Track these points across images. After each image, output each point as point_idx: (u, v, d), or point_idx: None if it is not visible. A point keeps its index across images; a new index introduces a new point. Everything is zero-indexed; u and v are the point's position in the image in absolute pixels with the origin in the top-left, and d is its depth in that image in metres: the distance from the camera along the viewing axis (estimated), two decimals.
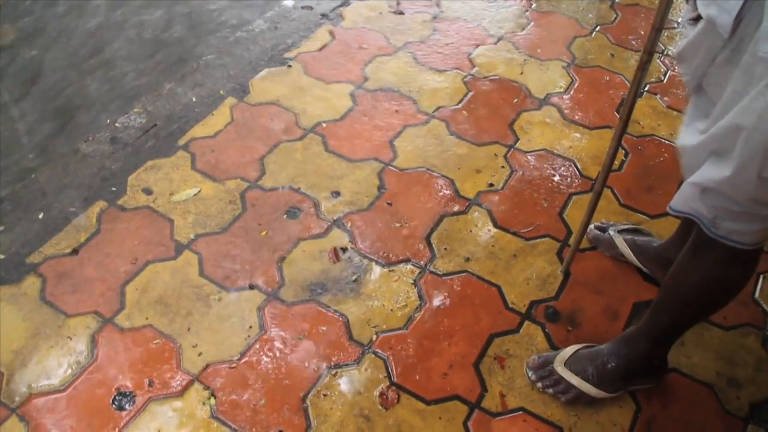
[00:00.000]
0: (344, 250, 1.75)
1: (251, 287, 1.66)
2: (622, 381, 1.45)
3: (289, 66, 2.31)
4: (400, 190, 1.90)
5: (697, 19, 1.01)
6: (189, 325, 1.58)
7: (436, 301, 1.65)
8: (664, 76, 2.34)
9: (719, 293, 1.24)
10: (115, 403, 1.44)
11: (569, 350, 1.50)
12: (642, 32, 2.52)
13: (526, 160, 2.01)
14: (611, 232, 1.74)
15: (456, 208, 1.86)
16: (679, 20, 2.57)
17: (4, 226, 1.78)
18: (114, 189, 1.88)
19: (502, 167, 1.98)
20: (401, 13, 2.56)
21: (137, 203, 1.85)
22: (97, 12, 2.58)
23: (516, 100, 2.22)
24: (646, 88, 2.29)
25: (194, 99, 2.18)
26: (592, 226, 1.77)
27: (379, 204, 1.87)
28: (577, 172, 1.98)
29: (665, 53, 2.44)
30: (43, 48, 2.42)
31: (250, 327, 1.58)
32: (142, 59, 2.39)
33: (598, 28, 2.54)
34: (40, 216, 1.81)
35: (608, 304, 1.66)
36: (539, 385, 1.49)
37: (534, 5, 2.67)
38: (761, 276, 1.73)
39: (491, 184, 1.93)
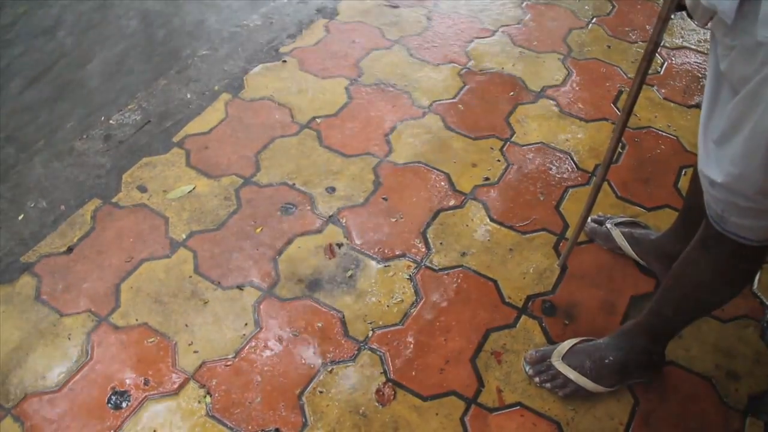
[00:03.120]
0: (340, 245, 1.74)
1: (246, 284, 1.65)
2: (619, 375, 1.45)
3: (284, 61, 2.30)
4: (396, 185, 1.89)
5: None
6: (184, 322, 1.57)
7: (432, 297, 1.64)
8: (661, 67, 2.32)
9: (724, 289, 1.23)
10: (111, 402, 1.44)
11: (566, 344, 1.50)
12: (639, 23, 2.51)
13: (522, 154, 2.00)
14: (608, 225, 1.73)
15: (452, 203, 1.85)
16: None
17: None
18: (108, 187, 1.87)
19: (498, 161, 1.97)
20: (396, 6, 2.55)
21: (132, 201, 1.84)
22: (91, 6, 2.56)
23: (512, 93, 2.21)
24: None
25: (189, 95, 2.16)
26: (588, 219, 1.76)
27: (375, 199, 1.86)
28: (574, 165, 1.97)
29: (662, 44, 2.42)
30: (34, 45, 2.41)
31: (246, 324, 1.57)
32: (136, 55, 2.37)
33: (594, 19, 2.53)
34: (34, 214, 1.80)
35: (605, 298, 1.66)
36: (537, 379, 1.48)
37: None
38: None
39: (487, 178, 1.92)
